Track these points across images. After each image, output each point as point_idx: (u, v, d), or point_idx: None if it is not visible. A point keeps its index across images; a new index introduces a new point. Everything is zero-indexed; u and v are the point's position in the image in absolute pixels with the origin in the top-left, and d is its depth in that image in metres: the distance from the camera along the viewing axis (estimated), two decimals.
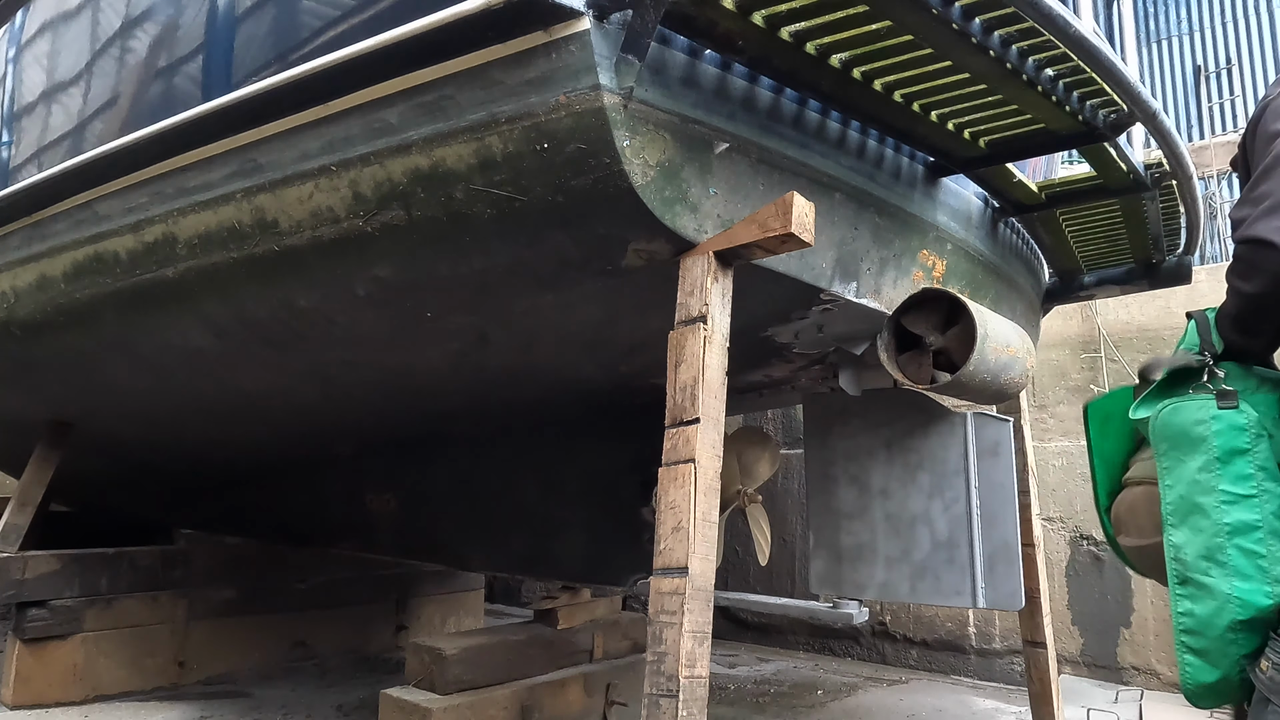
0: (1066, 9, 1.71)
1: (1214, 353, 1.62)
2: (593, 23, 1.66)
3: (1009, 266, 2.97)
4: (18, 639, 3.70)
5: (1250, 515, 1.47)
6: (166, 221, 2.47)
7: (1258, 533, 1.46)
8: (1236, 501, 1.49)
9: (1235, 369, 1.62)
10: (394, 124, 1.93)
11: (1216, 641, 1.46)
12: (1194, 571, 1.48)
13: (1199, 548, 1.48)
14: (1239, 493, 1.50)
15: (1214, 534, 1.48)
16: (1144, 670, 4.23)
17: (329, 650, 4.75)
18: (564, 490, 3.33)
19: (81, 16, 3.01)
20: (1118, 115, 2.16)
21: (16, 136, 3.24)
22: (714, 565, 1.81)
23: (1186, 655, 1.49)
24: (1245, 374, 1.61)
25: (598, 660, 3.78)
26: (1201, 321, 1.68)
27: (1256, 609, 1.43)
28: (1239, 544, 1.46)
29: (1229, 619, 1.45)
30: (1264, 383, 1.59)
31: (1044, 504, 4.57)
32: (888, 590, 2.69)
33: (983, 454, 2.61)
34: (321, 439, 3.80)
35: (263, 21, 2.34)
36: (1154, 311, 4.52)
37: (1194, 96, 9.66)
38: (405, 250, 2.10)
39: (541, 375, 2.88)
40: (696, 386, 1.82)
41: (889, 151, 2.30)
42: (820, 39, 1.80)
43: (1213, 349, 1.62)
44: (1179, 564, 1.50)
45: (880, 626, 5.06)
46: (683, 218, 1.83)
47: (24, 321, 3.17)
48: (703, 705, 1.73)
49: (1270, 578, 1.43)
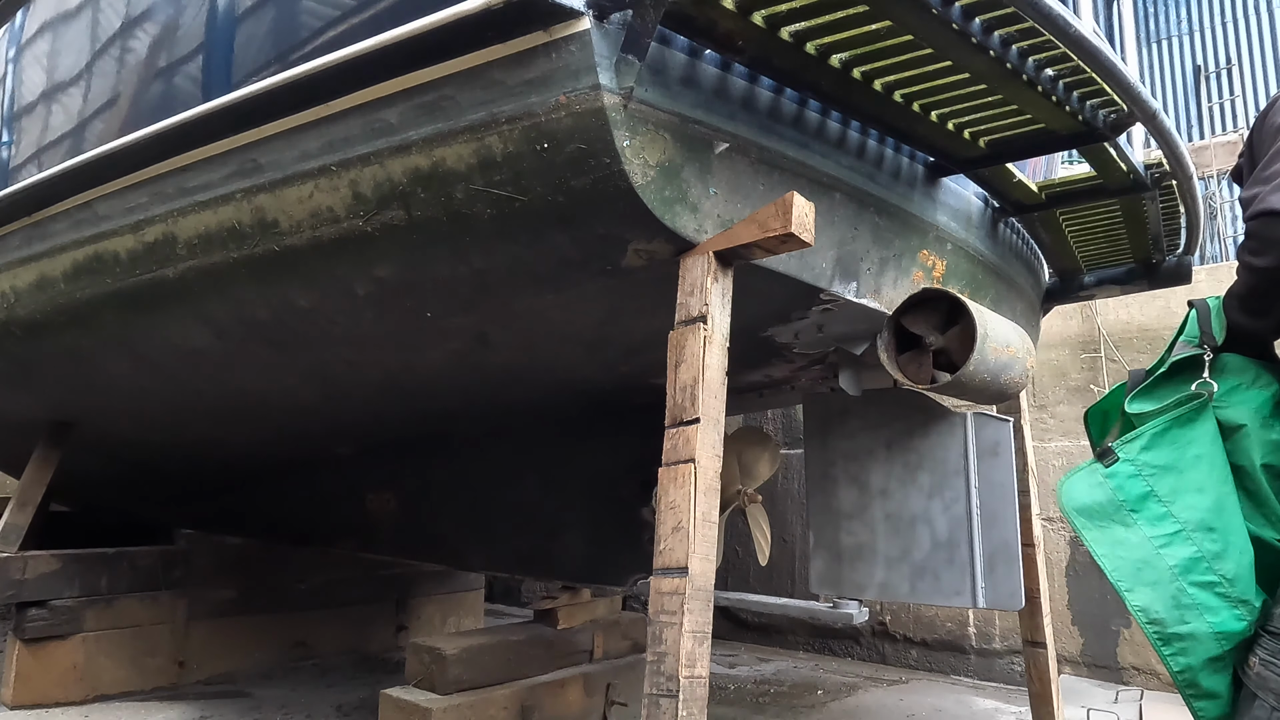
0: (1066, 9, 1.71)
1: (1214, 344, 1.62)
2: (593, 23, 1.66)
3: (1009, 266, 2.97)
4: (18, 639, 3.70)
5: (1186, 550, 1.50)
6: (166, 221, 2.47)
7: (1202, 563, 1.48)
8: (1169, 542, 1.52)
9: (1236, 360, 1.62)
10: (394, 124, 1.93)
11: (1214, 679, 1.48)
12: (1172, 625, 1.49)
13: (1164, 600, 1.50)
14: (1167, 533, 1.52)
15: (1169, 580, 1.50)
16: (1144, 670, 4.23)
17: (329, 650, 4.75)
18: (564, 490, 3.33)
19: (81, 16, 3.01)
20: (1118, 115, 2.16)
21: (16, 136, 3.24)
22: (714, 565, 1.81)
23: (1196, 703, 1.51)
24: (1244, 366, 1.61)
25: (598, 660, 3.78)
26: (1203, 310, 1.68)
27: (1236, 634, 1.46)
28: (1193, 580, 1.48)
29: (1216, 652, 1.47)
30: (1260, 377, 1.59)
31: (1044, 504, 4.57)
32: (888, 590, 2.69)
33: (983, 454, 2.61)
34: (321, 439, 3.80)
35: (263, 21, 2.34)
36: (1154, 311, 4.52)
37: (1194, 96, 9.66)
38: (405, 250, 2.10)
39: (541, 375, 2.88)
40: (696, 386, 1.82)
41: (889, 151, 2.30)
42: (820, 39, 1.80)
43: (1213, 340, 1.62)
44: (1156, 624, 1.50)
45: (880, 626, 5.06)
46: (683, 218, 1.83)
47: (24, 321, 3.17)
48: (703, 705, 1.73)
49: (1233, 600, 1.46)
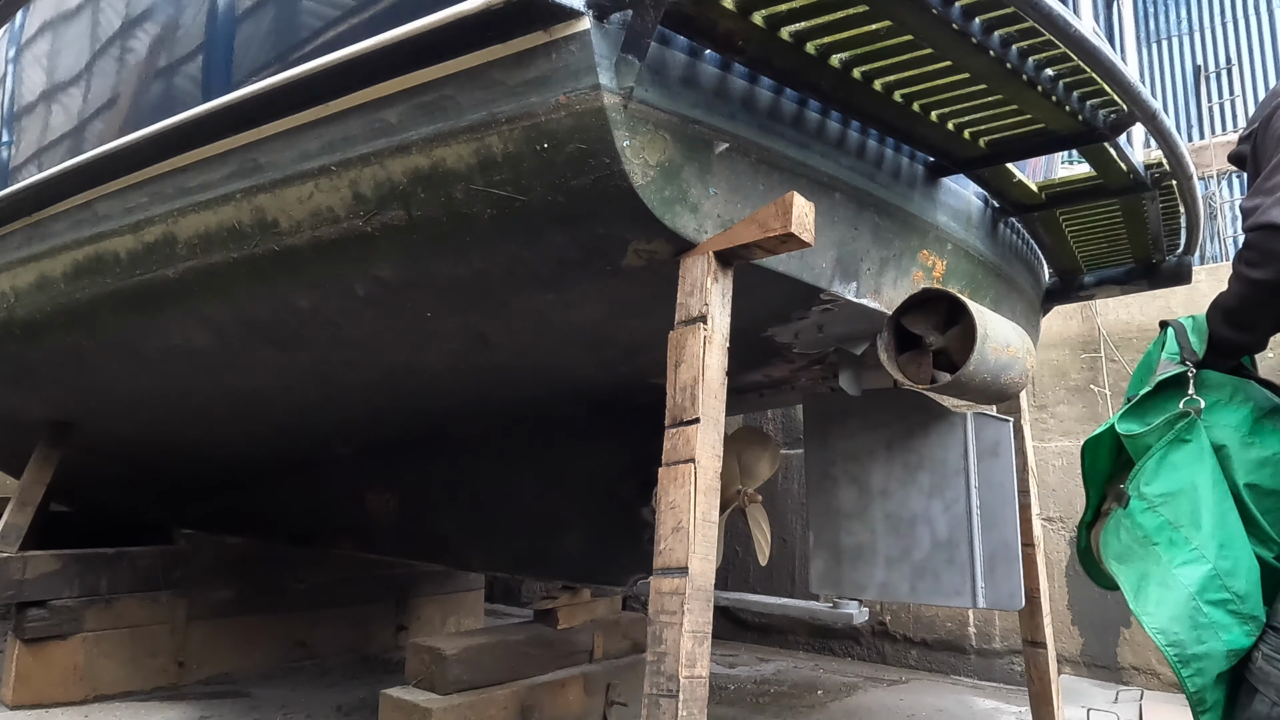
0: (1066, 9, 1.71)
1: (1195, 359, 1.65)
2: (593, 23, 1.66)
3: (1009, 266, 2.97)
4: (18, 639, 3.70)
5: (1201, 569, 1.53)
6: (166, 221, 2.47)
7: (1216, 581, 1.51)
8: (1185, 563, 1.56)
9: (1214, 376, 1.66)
10: (394, 124, 1.93)
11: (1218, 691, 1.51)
12: (1191, 646, 1.51)
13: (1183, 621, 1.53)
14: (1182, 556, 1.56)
15: (1186, 600, 1.53)
16: (1144, 670, 4.23)
17: (329, 650, 4.75)
18: (564, 490, 3.33)
19: (81, 16, 3.01)
20: (1118, 115, 2.16)
21: (16, 136, 3.24)
22: (714, 565, 1.81)
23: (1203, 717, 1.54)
24: (1222, 381, 1.65)
25: (598, 660, 3.78)
26: (1179, 329, 1.73)
27: (1245, 650, 1.49)
28: (1208, 599, 1.51)
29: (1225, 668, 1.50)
30: (1237, 392, 1.62)
31: (1044, 504, 4.57)
32: (888, 590, 2.69)
33: (983, 454, 2.61)
34: (321, 439, 3.80)
35: (263, 21, 2.34)
36: (1154, 311, 4.52)
37: (1194, 96, 9.67)
38: (405, 250, 2.10)
39: (541, 375, 2.88)
40: (696, 386, 1.82)
41: (889, 151, 2.30)
42: (820, 39, 1.80)
43: (1194, 355, 1.66)
44: (1176, 646, 1.53)
45: (880, 626, 5.06)
46: (683, 218, 1.83)
47: (24, 321, 3.17)
48: (703, 705, 1.73)
49: (1243, 617, 1.49)
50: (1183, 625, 1.51)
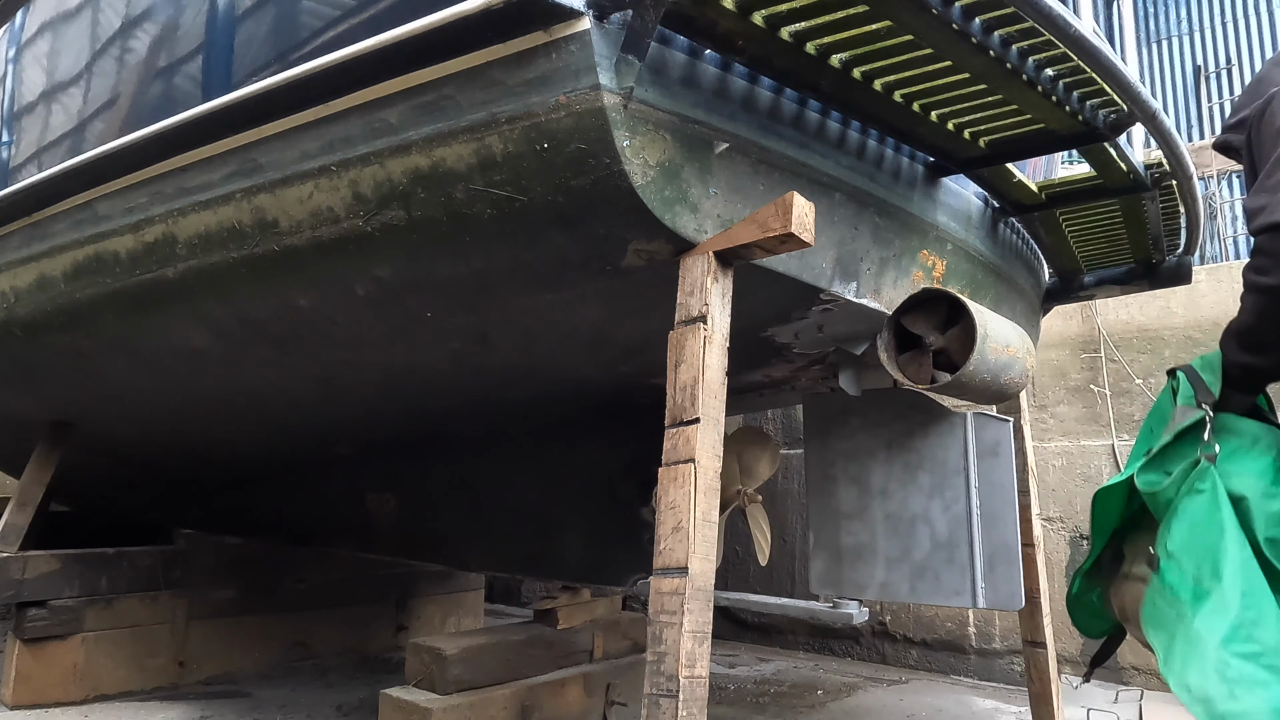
0: (1066, 9, 1.71)
1: (1211, 400, 1.56)
2: (593, 23, 1.66)
3: (1009, 266, 2.97)
4: (18, 639, 3.70)
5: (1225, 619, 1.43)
6: (166, 221, 2.47)
7: (1241, 631, 1.42)
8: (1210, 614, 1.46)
9: (1234, 422, 1.56)
10: (394, 124, 1.93)
11: None
12: (1220, 702, 1.40)
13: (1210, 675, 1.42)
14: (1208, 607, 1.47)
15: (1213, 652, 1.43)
16: (1144, 670, 4.23)
17: (329, 650, 4.75)
18: (564, 490, 3.33)
19: (81, 16, 3.01)
20: (1118, 115, 2.16)
21: (16, 136, 3.24)
22: (714, 565, 1.81)
23: None
24: (1242, 429, 1.55)
25: (598, 660, 3.78)
26: (1190, 373, 1.63)
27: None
28: (1236, 651, 1.41)
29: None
30: (1259, 441, 1.53)
31: (1044, 504, 4.57)
32: (888, 590, 2.69)
33: (983, 454, 2.61)
34: (321, 439, 3.80)
35: (263, 21, 2.34)
36: (1154, 311, 4.52)
37: (1194, 96, 9.67)
38: (405, 250, 2.10)
39: (541, 375, 2.88)
40: (696, 386, 1.82)
41: (889, 151, 2.30)
42: (820, 39, 1.80)
43: (1209, 396, 1.56)
44: (1205, 703, 1.42)
45: (880, 626, 5.06)
46: (683, 218, 1.83)
47: (24, 321, 3.17)
48: (703, 705, 1.73)
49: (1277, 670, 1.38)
50: (1211, 680, 1.41)
